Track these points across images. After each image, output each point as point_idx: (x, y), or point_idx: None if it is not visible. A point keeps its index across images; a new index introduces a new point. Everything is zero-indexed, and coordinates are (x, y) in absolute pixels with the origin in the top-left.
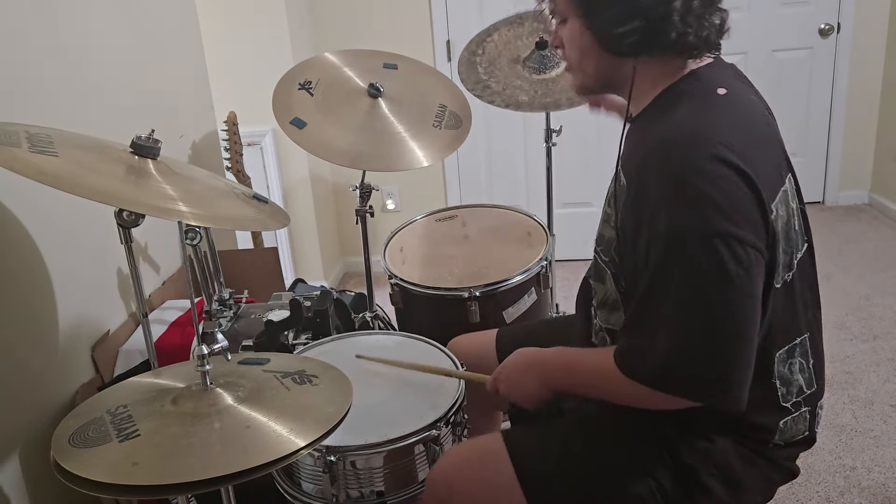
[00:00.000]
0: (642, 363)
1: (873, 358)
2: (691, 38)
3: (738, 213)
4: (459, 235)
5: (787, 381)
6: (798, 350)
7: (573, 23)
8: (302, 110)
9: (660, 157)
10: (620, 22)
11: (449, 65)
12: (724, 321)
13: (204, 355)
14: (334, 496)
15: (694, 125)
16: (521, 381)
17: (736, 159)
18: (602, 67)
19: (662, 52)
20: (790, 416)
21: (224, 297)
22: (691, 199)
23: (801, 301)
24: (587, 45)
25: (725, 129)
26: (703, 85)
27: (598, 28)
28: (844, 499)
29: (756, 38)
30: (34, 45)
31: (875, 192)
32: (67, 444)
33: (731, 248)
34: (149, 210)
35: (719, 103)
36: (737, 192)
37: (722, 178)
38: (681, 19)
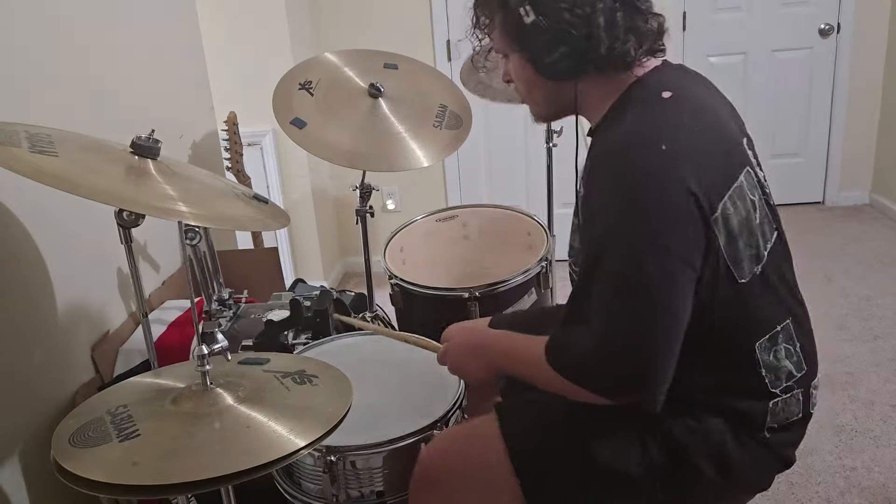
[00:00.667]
0: (565, 356)
1: (873, 358)
2: (620, 50)
3: (672, 222)
4: (459, 235)
5: (773, 369)
6: (781, 337)
7: (514, 57)
8: (302, 110)
9: (602, 163)
10: (551, 49)
11: (449, 65)
12: (642, 328)
13: (204, 355)
14: (334, 496)
15: (636, 129)
16: (466, 362)
17: (677, 164)
18: (548, 95)
19: (599, 69)
20: (780, 399)
21: (224, 297)
22: (625, 206)
23: (778, 289)
24: (530, 76)
25: (668, 133)
26: (647, 90)
27: (533, 58)
28: (844, 499)
29: (756, 39)
30: (34, 45)
31: (876, 193)
32: (67, 443)
33: (657, 258)
34: (149, 210)
35: (663, 106)
36: (673, 200)
37: (660, 183)
38: (607, 35)
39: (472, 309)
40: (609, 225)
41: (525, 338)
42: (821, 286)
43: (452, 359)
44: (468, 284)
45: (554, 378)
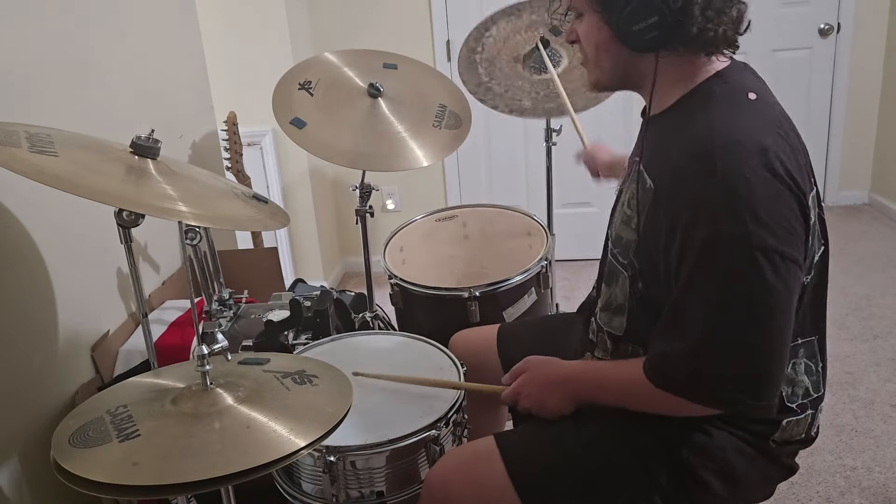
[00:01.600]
0: (672, 372)
1: (873, 358)
2: (711, 32)
3: (781, 225)
4: (459, 235)
5: (791, 382)
6: (803, 351)
7: (590, 18)
8: (302, 110)
9: (699, 160)
10: (639, 16)
11: (449, 65)
12: (759, 334)
13: (204, 355)
14: (334, 496)
15: (732, 129)
16: (546, 399)
17: (779, 166)
18: (619, 63)
19: (683, 48)
20: (794, 418)
21: (224, 297)
22: (733, 209)
23: (814, 303)
24: (604, 40)
25: (765, 135)
26: (731, 88)
27: (616, 23)
28: (845, 499)
29: (756, 38)
30: (34, 45)
31: (875, 192)
32: (67, 444)
33: (773, 263)
34: (149, 210)
35: (753, 108)
36: (780, 201)
37: (766, 186)
38: (701, 13)
39: (472, 309)
40: (713, 231)
41: (612, 364)
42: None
43: (530, 396)
44: (468, 284)
45: (659, 398)
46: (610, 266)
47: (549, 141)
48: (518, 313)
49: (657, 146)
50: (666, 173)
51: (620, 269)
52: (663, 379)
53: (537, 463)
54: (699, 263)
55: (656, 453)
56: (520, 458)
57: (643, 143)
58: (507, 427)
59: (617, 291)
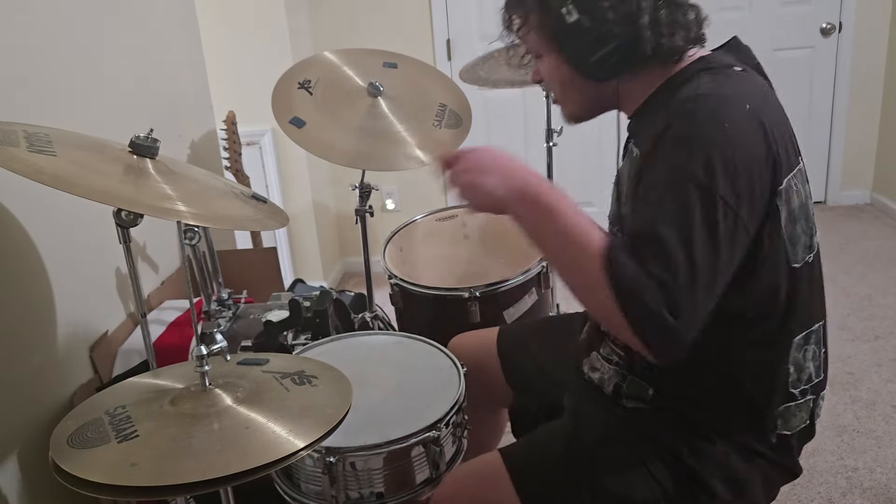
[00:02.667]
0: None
1: (875, 358)
2: (666, 44)
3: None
4: (459, 235)
5: (799, 368)
6: (814, 337)
7: (549, 58)
8: (301, 109)
9: (681, 114)
10: (594, 50)
11: (449, 64)
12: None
13: (203, 356)
14: (334, 497)
15: (719, 87)
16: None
17: (761, 122)
18: (587, 94)
19: (642, 66)
20: (794, 403)
21: (223, 297)
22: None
23: (820, 286)
24: (567, 76)
25: (752, 95)
26: (716, 63)
27: (574, 59)
28: (846, 499)
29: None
30: (33, 44)
31: (877, 192)
32: (66, 444)
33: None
34: (147, 210)
35: (739, 77)
36: (752, 157)
37: (743, 137)
38: (652, 32)
39: (472, 309)
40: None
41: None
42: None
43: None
44: (468, 284)
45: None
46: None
47: (550, 141)
48: (519, 313)
49: (643, 125)
50: (649, 137)
51: None
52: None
53: (545, 479)
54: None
55: (662, 462)
56: (527, 475)
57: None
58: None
59: None
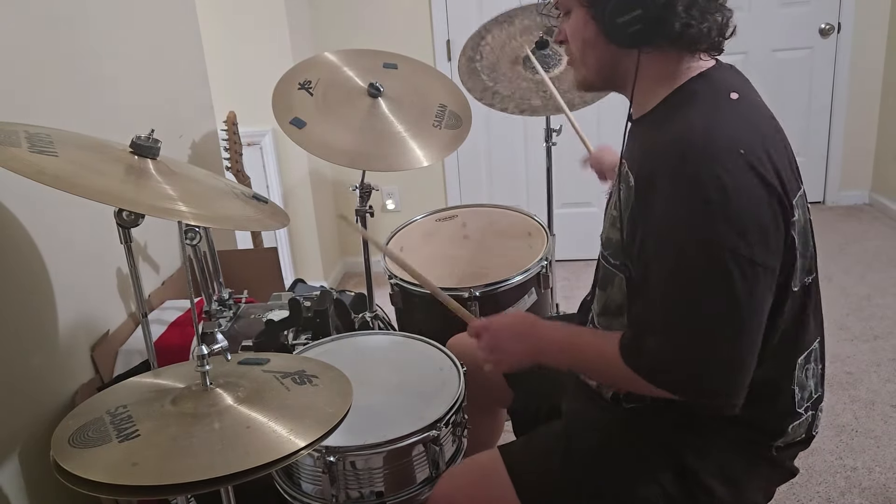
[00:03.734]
0: (642, 357)
1: (874, 358)
2: (694, 30)
3: (755, 230)
4: (459, 235)
5: (802, 387)
6: (813, 355)
7: (577, 13)
8: (302, 110)
9: (675, 155)
10: (624, 10)
11: (449, 64)
12: (724, 336)
13: (204, 355)
14: (334, 496)
15: (711, 129)
16: (509, 346)
17: (758, 166)
18: (604, 60)
19: (665, 44)
20: (797, 421)
21: (224, 297)
22: (706, 208)
23: (818, 306)
24: (591, 36)
25: (743, 136)
26: (714, 87)
27: (601, 17)
28: (845, 499)
29: (756, 38)
30: (34, 45)
31: (876, 192)
32: (67, 444)
33: (741, 268)
34: (148, 210)
35: (733, 108)
36: (756, 205)
37: (741, 188)
38: (685, 10)
39: (472, 309)
40: (689, 233)
41: (583, 331)
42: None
43: (493, 337)
44: (468, 284)
45: (628, 376)
46: (604, 270)
47: (549, 141)
48: None
49: (641, 146)
50: (644, 171)
51: (615, 272)
52: (635, 362)
53: (544, 477)
54: (674, 260)
55: (661, 461)
56: (526, 473)
57: (627, 145)
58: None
59: (614, 293)
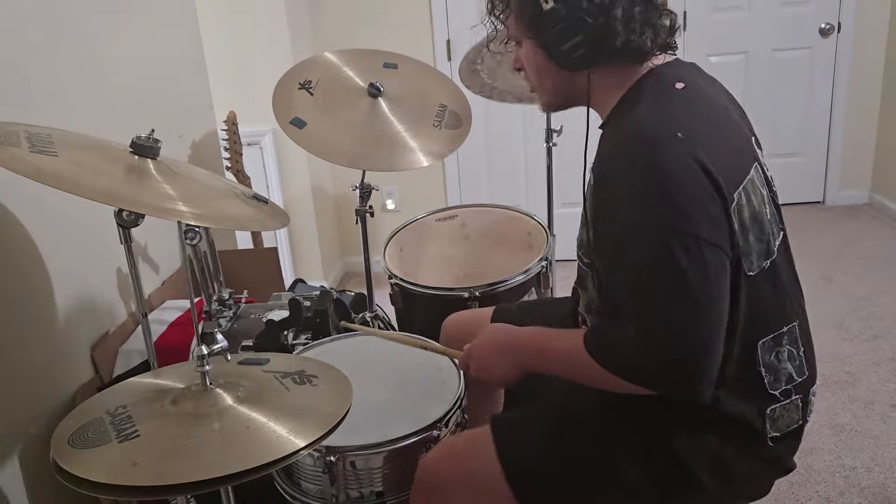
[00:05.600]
0: (608, 351)
1: (873, 358)
2: (636, 42)
3: (696, 209)
4: (459, 235)
5: (774, 370)
6: (786, 338)
7: (527, 44)
8: (302, 110)
9: (622, 151)
10: (566, 37)
11: (449, 64)
12: (681, 320)
13: (204, 355)
14: (334, 496)
15: (652, 119)
16: (492, 362)
17: (695, 150)
18: (559, 83)
19: (612, 61)
20: (779, 404)
21: (224, 297)
22: (649, 195)
23: (786, 288)
24: (541, 63)
25: (683, 121)
26: (660, 81)
27: (547, 46)
28: (844, 498)
29: (756, 38)
30: (34, 45)
31: (875, 192)
32: (67, 444)
33: (685, 245)
34: (148, 210)
35: (677, 97)
36: (695, 186)
37: (680, 171)
38: (624, 27)
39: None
40: (632, 217)
41: (556, 333)
42: (820, 286)
43: (477, 360)
44: (468, 284)
45: (596, 371)
46: (580, 270)
47: (550, 141)
48: None
49: (599, 149)
50: (599, 168)
51: (587, 271)
52: (600, 356)
53: (529, 451)
54: (623, 249)
55: (650, 447)
56: (512, 445)
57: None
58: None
59: (592, 293)
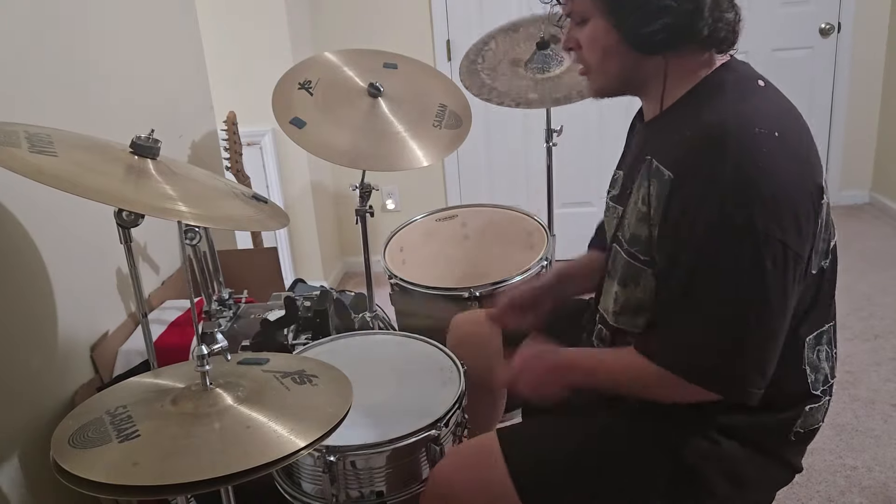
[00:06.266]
0: (677, 352)
1: (874, 357)
2: (721, 31)
3: (788, 213)
4: (459, 235)
5: (815, 368)
6: (825, 337)
7: (596, 23)
8: (302, 110)
9: (712, 145)
10: (650, 19)
11: (449, 64)
12: (757, 322)
13: (203, 355)
14: (334, 496)
15: (746, 114)
16: (544, 385)
17: (793, 148)
18: (627, 67)
19: (692, 48)
20: (816, 404)
21: (223, 297)
22: (742, 194)
23: (830, 289)
24: (612, 44)
25: (779, 119)
26: (741, 76)
27: (626, 27)
28: (845, 498)
29: (756, 38)
30: (34, 45)
31: (876, 192)
32: (67, 444)
33: (773, 252)
34: (148, 210)
35: (764, 94)
36: (791, 186)
37: (777, 169)
38: (710, 12)
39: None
40: (721, 216)
41: (604, 352)
42: None
43: (528, 384)
44: (468, 284)
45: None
46: (627, 267)
47: (550, 141)
48: None
49: (669, 139)
50: (681, 160)
51: (642, 267)
52: (665, 360)
53: (538, 462)
54: (706, 248)
55: (659, 455)
56: (521, 458)
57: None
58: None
59: (639, 290)
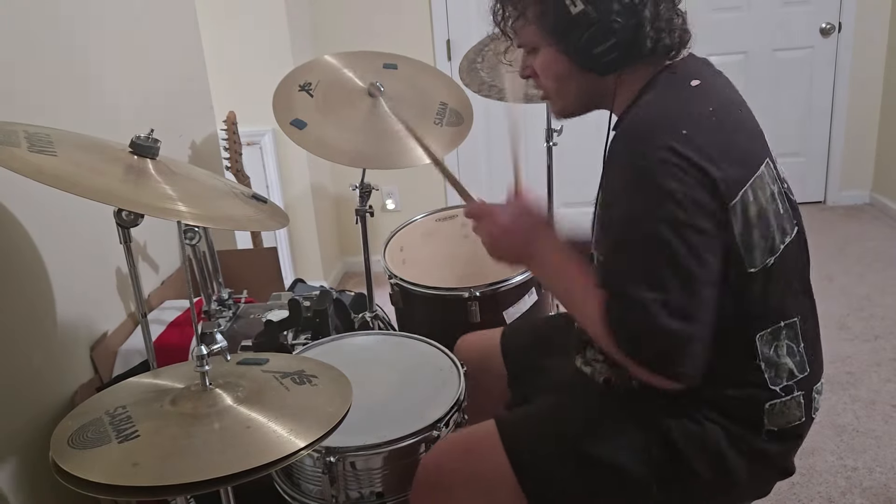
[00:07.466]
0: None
1: (874, 358)
2: (666, 42)
3: (691, 202)
4: (459, 235)
5: (773, 364)
6: (785, 333)
7: (546, 51)
8: (302, 111)
9: (623, 143)
10: (598, 41)
11: (449, 64)
12: (670, 304)
13: (203, 356)
14: (334, 497)
15: (654, 114)
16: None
17: (690, 151)
18: (584, 88)
19: (640, 62)
20: (779, 400)
21: (223, 297)
22: (646, 187)
23: (791, 285)
24: (565, 69)
25: (686, 119)
26: (676, 77)
27: (575, 52)
28: (846, 499)
29: (757, 38)
30: (34, 44)
31: (876, 192)
32: (66, 445)
33: (680, 234)
34: (148, 210)
35: (687, 93)
36: (690, 181)
37: (676, 168)
38: (652, 27)
39: (472, 309)
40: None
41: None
42: (821, 286)
43: (492, 224)
44: (468, 284)
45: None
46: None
47: (550, 141)
48: (518, 313)
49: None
50: (607, 158)
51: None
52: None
53: (538, 448)
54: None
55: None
56: (521, 443)
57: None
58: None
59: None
